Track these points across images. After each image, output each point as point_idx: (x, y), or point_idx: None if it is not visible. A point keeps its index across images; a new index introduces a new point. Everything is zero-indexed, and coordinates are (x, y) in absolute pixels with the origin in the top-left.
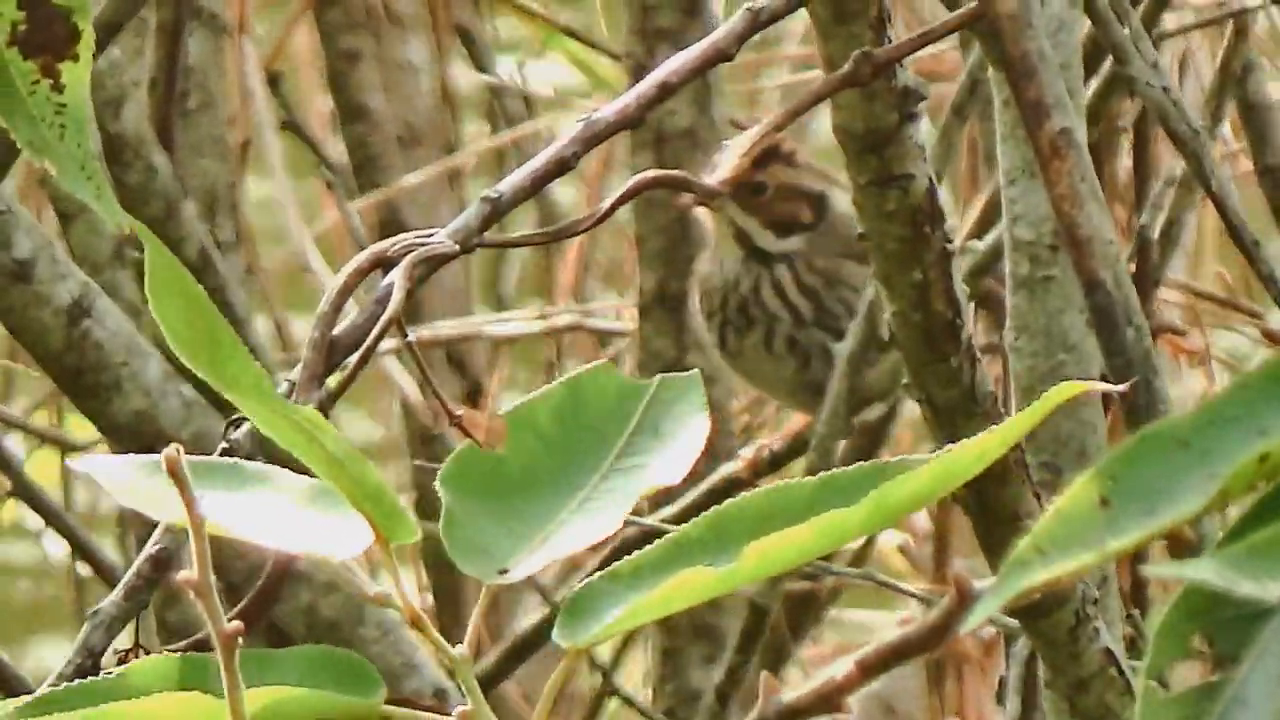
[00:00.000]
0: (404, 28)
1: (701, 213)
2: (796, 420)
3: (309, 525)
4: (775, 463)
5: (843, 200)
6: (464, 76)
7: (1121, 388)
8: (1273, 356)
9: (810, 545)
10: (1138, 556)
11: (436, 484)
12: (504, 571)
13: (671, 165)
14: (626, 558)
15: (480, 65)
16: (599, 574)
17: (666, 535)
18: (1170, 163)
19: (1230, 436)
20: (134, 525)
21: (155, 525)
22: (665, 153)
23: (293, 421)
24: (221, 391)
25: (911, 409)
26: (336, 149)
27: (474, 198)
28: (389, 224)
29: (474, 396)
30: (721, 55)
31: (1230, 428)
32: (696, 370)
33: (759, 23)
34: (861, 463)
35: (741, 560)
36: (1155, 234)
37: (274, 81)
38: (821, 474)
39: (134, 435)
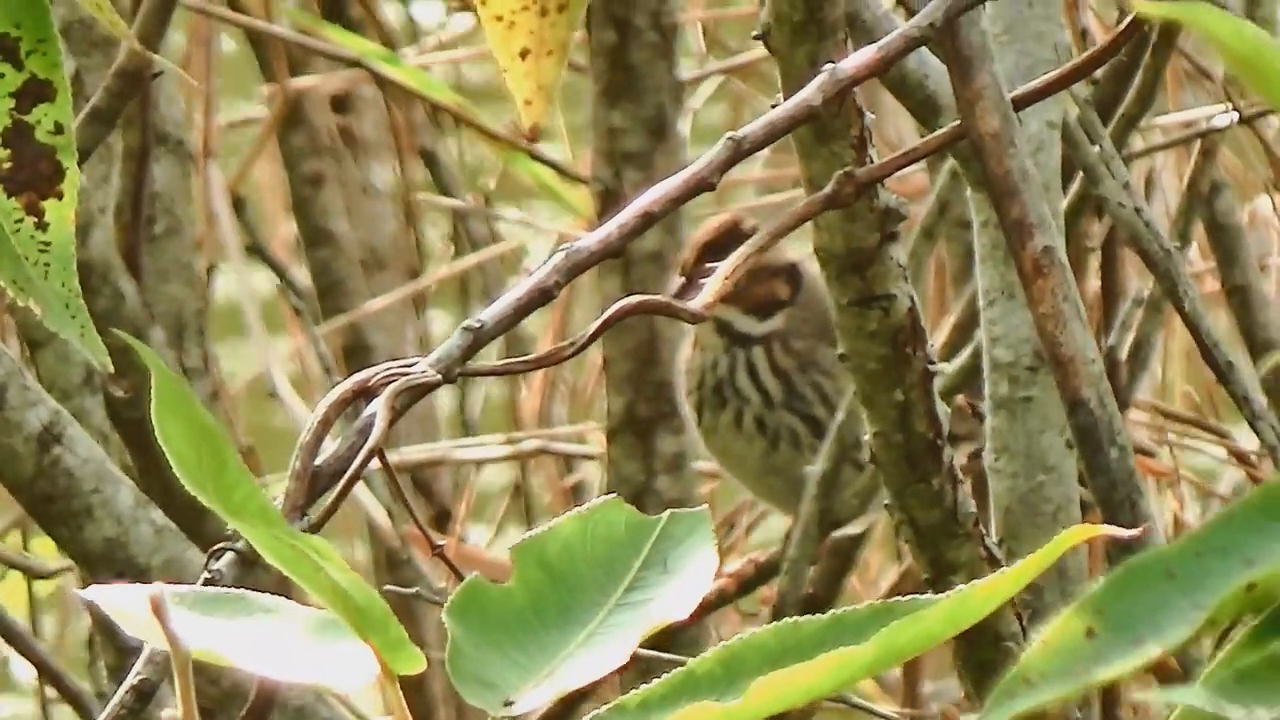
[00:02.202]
0: (367, 152)
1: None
2: (765, 550)
3: (314, 656)
4: (746, 586)
5: (813, 268)
6: (428, 200)
7: (1132, 533)
8: (1257, 488)
9: (818, 683)
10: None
11: (443, 615)
12: (509, 704)
13: (639, 288)
14: (634, 691)
15: (444, 189)
16: (606, 706)
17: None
18: (1138, 283)
19: (1216, 567)
20: (103, 652)
21: (125, 652)
22: (633, 276)
23: (298, 550)
24: (227, 519)
25: (881, 531)
26: (301, 273)
27: (439, 321)
28: (354, 348)
29: (441, 522)
30: (703, 185)
31: (1216, 558)
32: (705, 506)
33: (741, 152)
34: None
35: (748, 696)
36: (1123, 355)
37: (239, 206)
38: (831, 612)
39: (105, 562)
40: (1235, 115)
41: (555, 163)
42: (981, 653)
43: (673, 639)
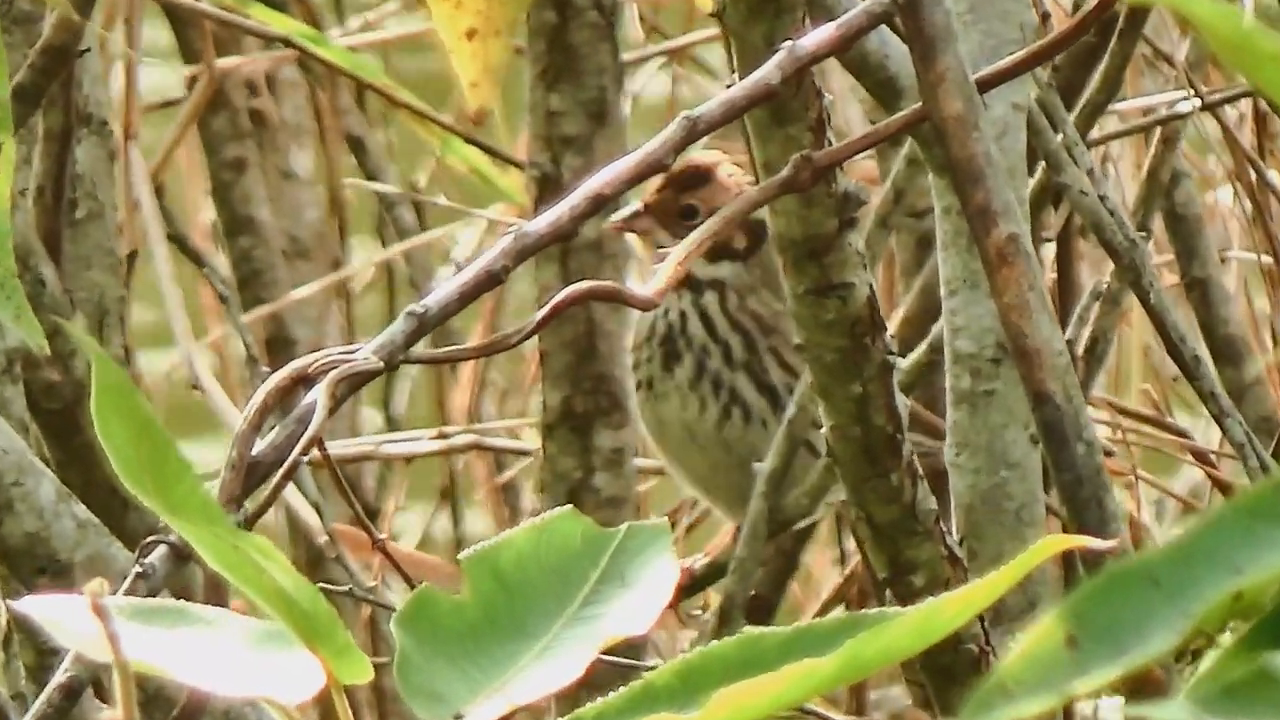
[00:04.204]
0: (290, 136)
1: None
2: (717, 541)
3: (256, 667)
4: (692, 587)
5: None
6: (353, 187)
7: (1109, 544)
8: (1246, 490)
9: (781, 695)
10: None
11: (392, 624)
12: (458, 717)
13: (578, 278)
14: (591, 704)
15: (371, 174)
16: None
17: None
18: (1095, 276)
19: (1203, 574)
20: (21, 652)
21: (44, 652)
22: (570, 265)
23: (241, 551)
24: (165, 517)
25: (825, 532)
26: (220, 262)
27: (363, 312)
28: (276, 340)
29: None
30: (658, 166)
31: (1203, 565)
32: (665, 519)
33: (696, 132)
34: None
35: (709, 708)
36: (1080, 349)
37: (158, 192)
38: (796, 624)
39: (26, 558)
40: (1198, 101)
41: (491, 148)
42: (941, 656)
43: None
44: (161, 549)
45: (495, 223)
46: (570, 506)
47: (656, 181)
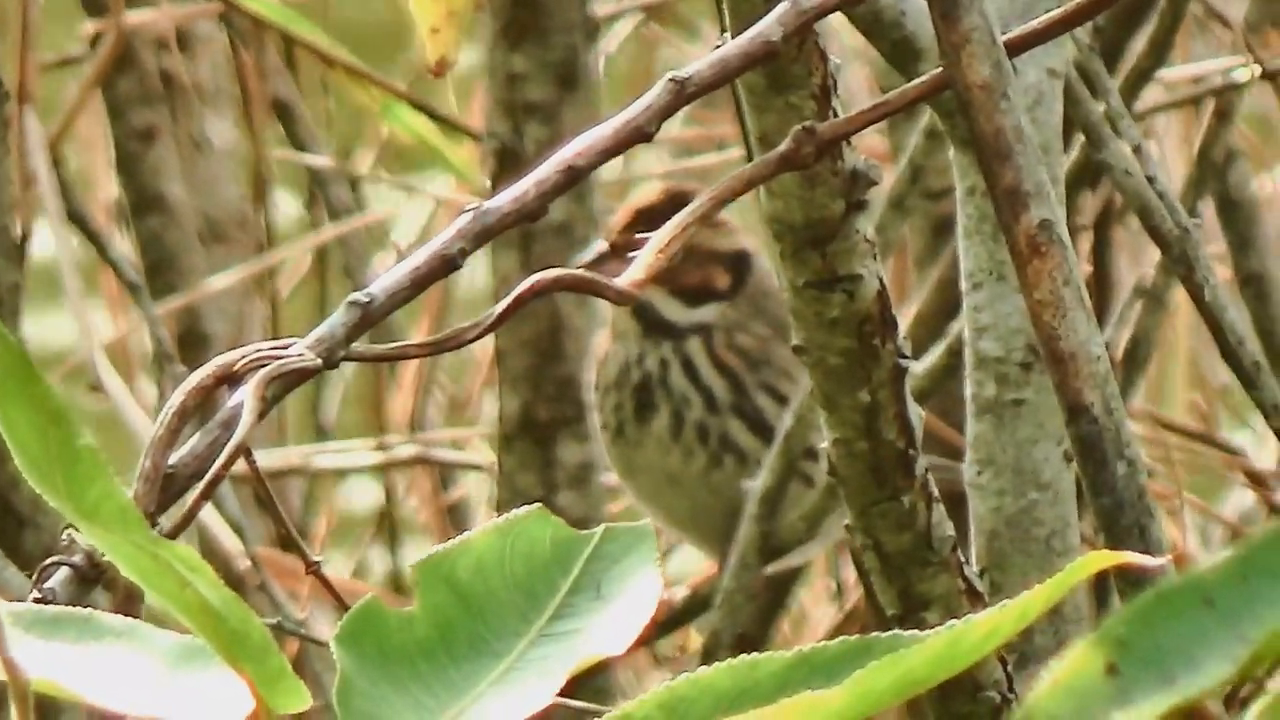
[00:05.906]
0: (207, 101)
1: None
2: (700, 571)
3: (176, 688)
4: (670, 623)
5: (767, 260)
6: (280, 159)
7: (1159, 562)
8: None
9: None
10: None
11: (331, 643)
12: None
13: (541, 266)
14: None
15: (300, 146)
16: None
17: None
18: (1137, 270)
19: (1264, 593)
20: None
21: None
22: (533, 251)
23: (162, 562)
24: (77, 522)
25: (818, 559)
26: (125, 244)
27: (290, 305)
28: (189, 335)
29: (291, 545)
30: (639, 135)
31: (1264, 582)
32: (648, 521)
33: (684, 96)
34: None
35: None
36: (1118, 353)
37: (57, 164)
38: (797, 649)
39: None
40: (1257, 69)
41: (441, 115)
42: (957, 704)
43: (575, 689)
44: (63, 571)
45: (444, 202)
46: (539, 506)
47: (623, 216)
